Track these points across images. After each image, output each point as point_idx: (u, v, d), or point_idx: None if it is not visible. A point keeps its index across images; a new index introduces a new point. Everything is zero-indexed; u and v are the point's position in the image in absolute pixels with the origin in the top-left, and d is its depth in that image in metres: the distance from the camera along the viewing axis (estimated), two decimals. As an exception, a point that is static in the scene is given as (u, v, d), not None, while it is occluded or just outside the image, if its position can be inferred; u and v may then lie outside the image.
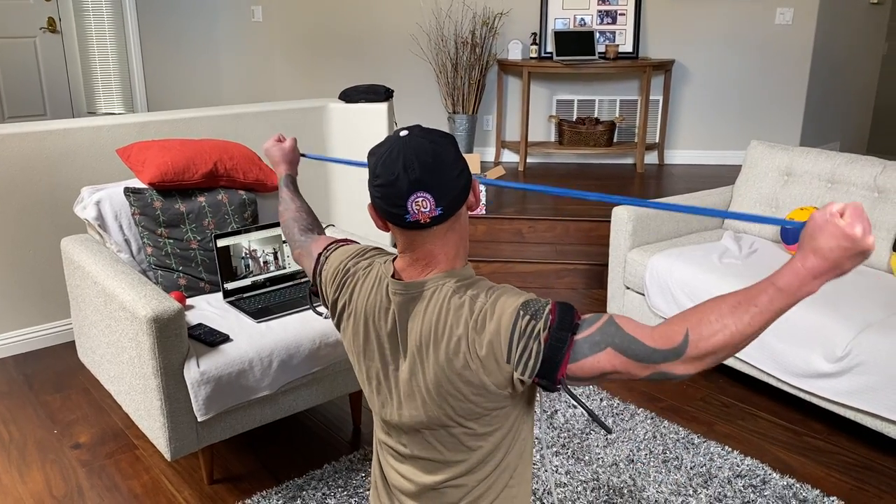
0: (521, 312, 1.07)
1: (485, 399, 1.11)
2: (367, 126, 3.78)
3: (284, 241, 2.58)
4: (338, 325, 1.31)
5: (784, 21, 5.24)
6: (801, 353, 2.42)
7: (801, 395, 2.49)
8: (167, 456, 2.08)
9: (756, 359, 2.57)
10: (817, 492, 2.23)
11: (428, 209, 1.09)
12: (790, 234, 2.86)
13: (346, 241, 1.41)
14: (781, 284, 0.97)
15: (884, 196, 2.81)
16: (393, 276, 1.19)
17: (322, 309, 1.43)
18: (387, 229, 1.19)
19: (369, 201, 1.21)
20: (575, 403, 2.61)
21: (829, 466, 2.39)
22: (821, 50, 5.38)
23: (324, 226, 2.81)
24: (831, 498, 2.20)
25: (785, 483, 2.27)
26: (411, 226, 1.12)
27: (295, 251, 1.51)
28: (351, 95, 3.84)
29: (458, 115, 5.34)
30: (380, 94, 3.82)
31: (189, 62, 5.78)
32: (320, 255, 1.38)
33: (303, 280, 2.62)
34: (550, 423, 2.58)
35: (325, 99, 3.96)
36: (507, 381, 1.09)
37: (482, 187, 4.12)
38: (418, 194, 1.09)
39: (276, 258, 2.55)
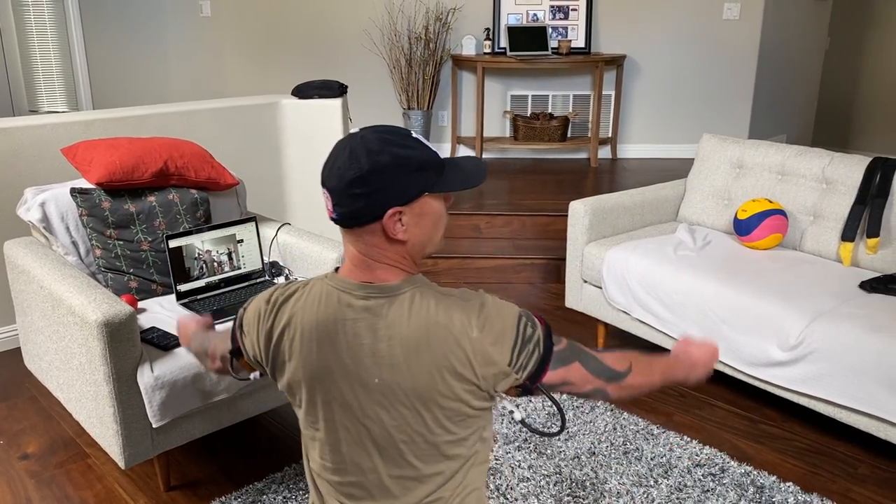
0: (524, 319, 1.15)
1: (474, 397, 1.13)
2: (322, 122, 3.73)
3: (240, 241, 2.53)
4: (272, 364, 1.22)
5: (731, 16, 5.34)
6: (756, 342, 2.46)
7: (757, 383, 2.53)
8: (121, 464, 2.01)
9: (712, 349, 2.61)
10: (774, 478, 2.27)
11: (330, 208, 1.15)
12: (742, 226, 2.91)
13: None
14: (664, 377, 1.32)
15: (831, 187, 2.88)
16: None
17: (244, 373, 1.36)
18: None
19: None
20: (531, 399, 2.62)
21: (784, 452, 2.44)
22: (767, 44, 5.50)
23: (279, 224, 2.76)
24: (787, 483, 2.25)
25: (742, 470, 2.31)
26: (334, 221, 1.16)
27: (209, 351, 1.41)
28: (304, 91, 3.78)
29: (412, 111, 5.31)
30: (334, 89, 3.77)
31: (136, 58, 5.63)
32: (235, 320, 1.30)
33: (259, 280, 2.57)
34: (512, 418, 2.59)
35: (278, 95, 3.90)
36: (498, 381, 1.13)
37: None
38: (325, 190, 1.14)
39: (230, 258, 2.49)
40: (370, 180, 1.08)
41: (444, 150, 5.67)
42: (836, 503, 2.17)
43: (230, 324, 1.37)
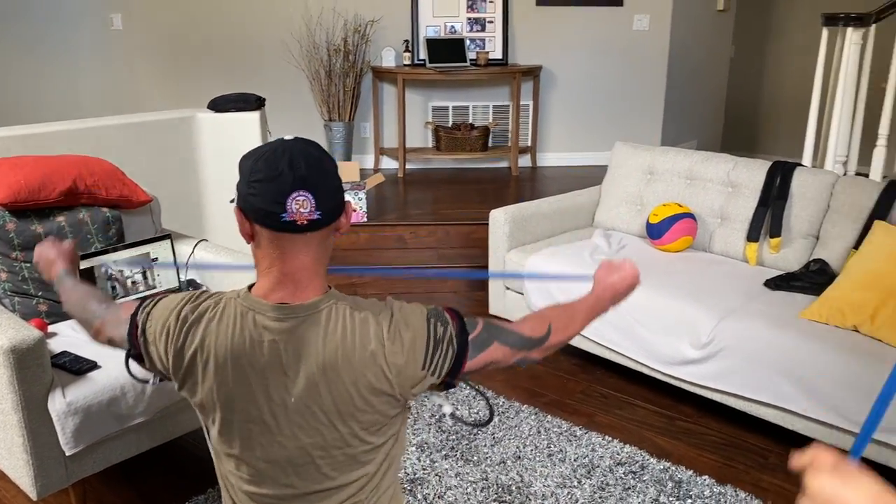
0: (432, 320, 1.15)
1: (391, 407, 1.14)
2: (239, 136, 3.67)
3: (154, 259, 2.47)
4: (182, 382, 1.19)
5: (641, 27, 5.54)
6: (669, 341, 2.56)
7: (672, 381, 2.63)
8: (32, 495, 1.93)
9: (629, 349, 2.70)
10: (691, 472, 2.36)
11: (307, 210, 1.08)
12: (654, 230, 3.02)
13: (161, 295, 1.26)
14: (589, 310, 1.34)
15: (736, 190, 3.02)
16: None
17: (147, 375, 1.30)
18: (251, 238, 1.15)
19: (235, 204, 1.14)
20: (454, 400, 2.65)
21: (700, 447, 2.54)
22: (676, 54, 5.72)
23: (196, 241, 2.71)
24: (703, 477, 2.34)
25: (661, 467, 2.39)
26: (285, 227, 1.08)
27: (94, 325, 1.31)
28: (220, 104, 3.72)
29: (334, 123, 5.29)
30: (251, 102, 3.72)
31: (42, 73, 5.42)
32: (134, 316, 1.23)
33: (176, 299, 2.51)
34: (439, 427, 2.60)
35: (194, 109, 3.82)
36: (415, 385, 1.14)
37: (363, 194, 4.10)
38: (301, 192, 1.07)
39: (144, 278, 2.43)
40: (337, 173, 1.13)
41: (368, 162, 5.66)
42: (749, 493, 2.27)
43: (126, 303, 1.25)
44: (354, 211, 4.09)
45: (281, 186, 1.07)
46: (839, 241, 2.67)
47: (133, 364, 1.27)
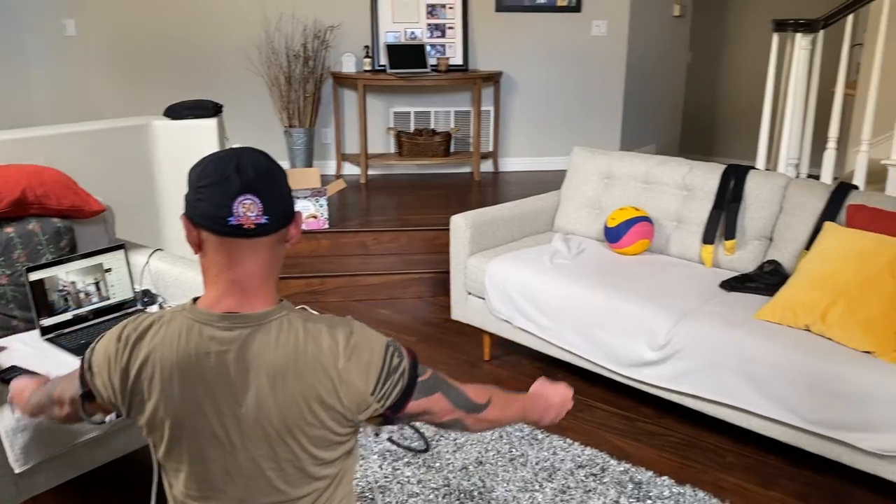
0: (391, 349, 1.16)
1: (339, 425, 1.13)
2: (196, 143, 3.63)
3: (108, 270, 2.42)
4: (129, 404, 1.17)
5: (599, 33, 5.60)
6: (627, 343, 2.58)
7: (632, 383, 2.65)
8: (-20, 515, 1.88)
9: (589, 352, 2.72)
10: (650, 473, 2.38)
11: (254, 214, 1.07)
12: (612, 233, 3.05)
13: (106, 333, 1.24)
14: (522, 415, 1.38)
15: (692, 193, 3.06)
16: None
17: (98, 416, 1.29)
18: (198, 247, 1.14)
19: (182, 212, 1.14)
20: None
21: (660, 448, 2.56)
22: (634, 59, 5.80)
23: (151, 251, 2.66)
24: (663, 477, 2.36)
25: (622, 468, 2.41)
26: (232, 231, 1.08)
27: (54, 396, 1.32)
28: (177, 112, 3.67)
29: (294, 129, 5.25)
30: (208, 109, 3.68)
31: (-8, 80, 5.29)
32: (82, 360, 1.23)
33: (131, 310, 2.46)
34: (402, 434, 2.59)
35: (149, 117, 3.77)
36: (361, 408, 1.13)
37: (324, 200, 4.07)
38: (247, 196, 1.07)
39: (98, 289, 2.38)
40: (287, 182, 1.13)
41: (330, 168, 5.64)
42: (707, 492, 2.30)
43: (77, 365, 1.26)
44: (315, 217, 4.08)
45: (227, 190, 1.07)
46: (791, 242, 2.73)
47: (88, 406, 1.25)
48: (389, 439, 1.34)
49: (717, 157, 6.95)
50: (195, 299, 1.16)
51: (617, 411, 2.80)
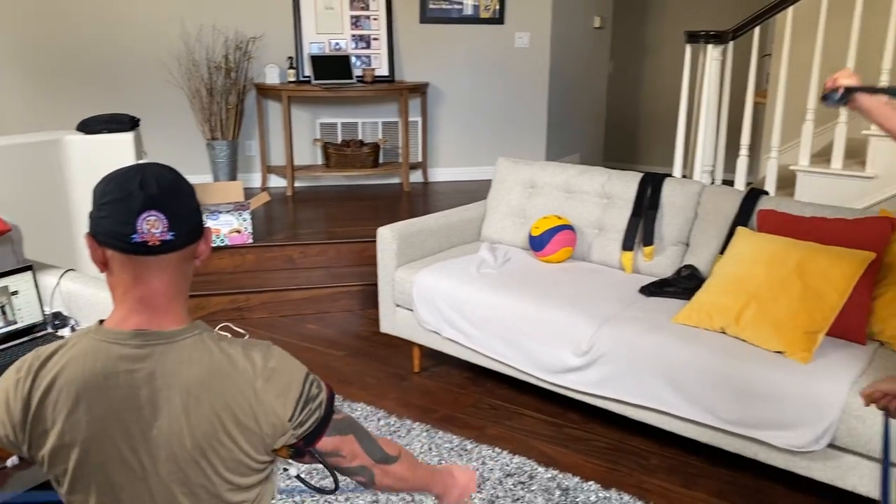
0: (311, 378, 1.15)
1: (255, 450, 1.10)
2: (112, 159, 3.51)
3: (14, 293, 2.31)
4: (30, 436, 1.10)
5: (522, 44, 5.69)
6: (552, 350, 2.61)
7: (558, 389, 2.69)
8: None
9: (516, 360, 2.74)
10: (577, 479, 2.41)
11: (159, 230, 1.05)
12: (536, 242, 3.09)
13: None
14: (434, 479, 1.38)
15: (611, 202, 3.13)
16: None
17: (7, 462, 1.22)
18: (104, 267, 1.10)
19: (87, 231, 1.09)
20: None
21: (586, 453, 2.60)
22: (557, 70, 5.91)
23: (62, 271, 2.56)
24: (589, 483, 2.40)
25: (549, 475, 2.44)
26: (137, 248, 1.05)
27: None
28: (91, 126, 3.54)
29: (217, 142, 5.15)
30: (124, 123, 3.56)
31: None
32: None
33: (41, 334, 2.36)
34: (287, 474, 2.55)
35: (61, 131, 3.63)
36: (277, 435, 1.11)
37: (247, 214, 4.00)
38: (152, 212, 1.04)
39: (3, 313, 2.27)
40: (195, 196, 1.11)
41: (255, 181, 5.54)
42: (632, 495, 2.35)
43: None
44: (239, 232, 4.00)
45: (131, 206, 1.04)
46: (706, 247, 2.82)
47: None
48: (298, 477, 1.32)
49: (639, 165, 7.14)
50: (101, 321, 1.12)
51: (545, 418, 2.83)
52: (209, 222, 3.91)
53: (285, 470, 2.48)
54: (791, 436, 2.15)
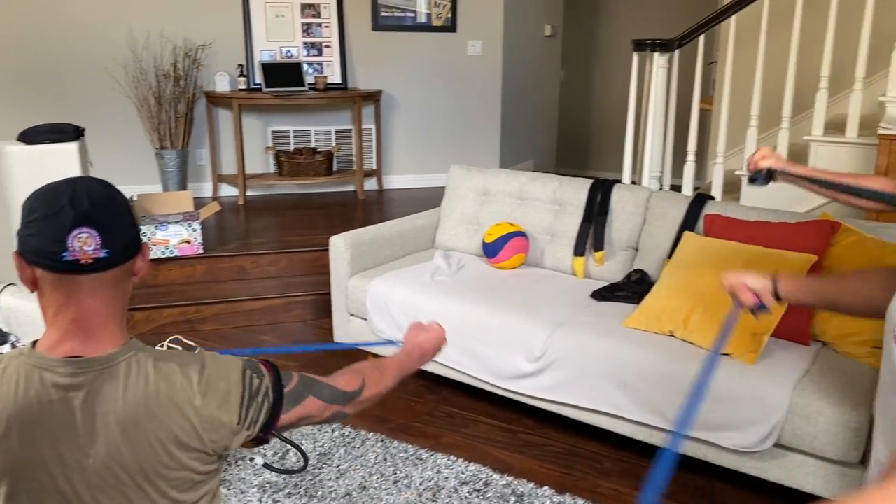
0: (248, 372, 1.12)
1: (202, 463, 1.08)
2: (55, 169, 3.41)
3: (-50, 310, 2.23)
4: None
5: (475, 52, 5.72)
6: (506, 357, 2.62)
7: (512, 395, 2.70)
8: None
9: (471, 367, 2.74)
10: (532, 485, 2.42)
11: (92, 248, 1.01)
12: (489, 249, 3.11)
13: None
14: (400, 369, 1.41)
15: (563, 208, 3.16)
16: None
17: None
18: (34, 287, 1.06)
19: (14, 249, 1.04)
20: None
21: (541, 459, 2.61)
22: (509, 78, 5.95)
23: (3, 285, 2.48)
24: (544, 488, 2.41)
25: (504, 482, 2.44)
26: (68, 267, 1.01)
27: None
28: (32, 136, 3.44)
29: (166, 151, 5.05)
30: (67, 133, 3.48)
31: None
32: None
33: (-21, 351, 2.28)
34: (282, 464, 2.52)
35: (1, 142, 3.52)
36: (229, 440, 1.09)
37: (197, 224, 3.93)
38: (83, 229, 1.00)
39: (-62, 331, 2.20)
40: (130, 211, 1.08)
41: (206, 190, 5.45)
42: (587, 500, 2.36)
43: None
44: (188, 242, 3.93)
45: (61, 223, 1.00)
46: (655, 251, 2.86)
47: None
48: (265, 465, 1.31)
49: (592, 171, 7.22)
50: (34, 342, 1.08)
51: (500, 424, 2.83)
52: (158, 233, 3.84)
53: (251, 460, 2.46)
54: (739, 436, 2.19)
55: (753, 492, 2.41)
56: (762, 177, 1.73)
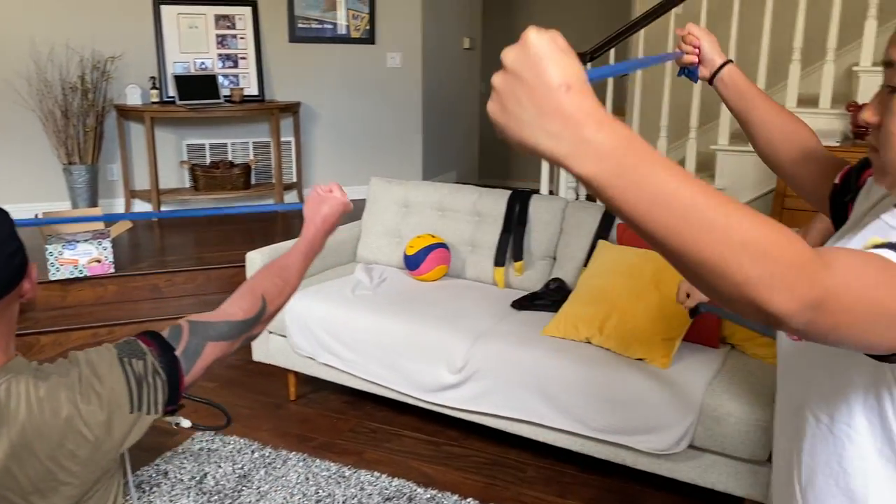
0: (125, 359, 1.06)
1: (98, 468, 1.04)
2: (-50, 188, 3.24)
3: None
4: None
5: (394, 64, 5.72)
6: (429, 369, 2.62)
7: (436, 408, 2.69)
8: None
9: (393, 382, 2.72)
10: (456, 497, 2.42)
11: None
12: (411, 261, 3.10)
13: None
14: (307, 249, 1.34)
15: (482, 219, 3.19)
16: None
17: None
18: None
19: None
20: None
21: (465, 470, 2.61)
22: (430, 90, 5.98)
23: None
24: (468, 499, 2.41)
25: (428, 495, 2.43)
26: None
27: None
28: (-76, 153, 3.25)
29: (74, 166, 4.85)
30: (-37, 149, 3.30)
31: None
32: None
33: None
34: (200, 489, 2.44)
35: None
36: (133, 433, 1.05)
37: (107, 242, 3.78)
38: None
39: None
40: (14, 233, 1.02)
41: (118, 206, 5.26)
42: (510, 508, 2.38)
43: None
44: (99, 262, 3.77)
45: None
46: (572, 260, 2.92)
47: None
48: (193, 426, 1.24)
49: (514, 181, 7.32)
50: None
51: (424, 437, 2.82)
52: (66, 252, 3.68)
53: (177, 425, 2.37)
54: (655, 439, 2.24)
55: (671, 492, 2.47)
56: (694, 313, 1.82)
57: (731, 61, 1.28)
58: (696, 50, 1.29)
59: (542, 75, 0.58)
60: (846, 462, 0.87)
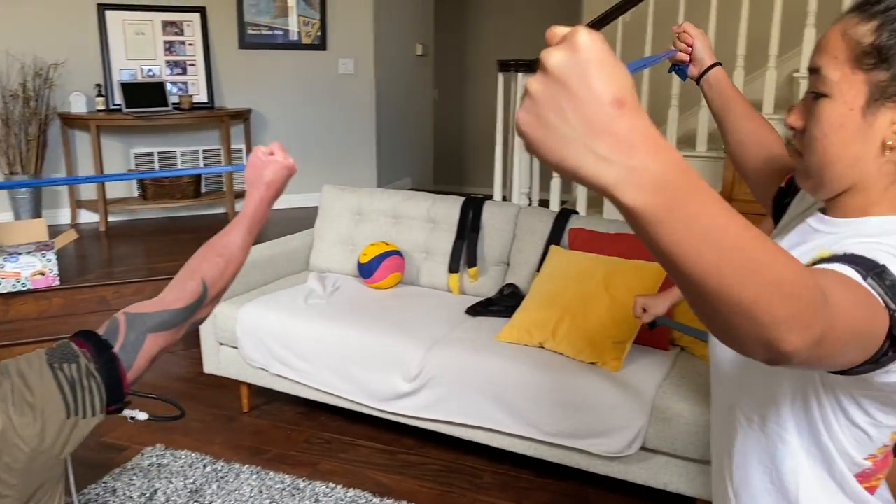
0: (55, 366, 1.00)
1: (38, 477, 1.00)
2: None
3: None
4: None
5: (347, 70, 5.70)
6: (383, 377, 2.60)
7: (391, 416, 2.67)
8: None
9: (347, 391, 2.70)
10: (412, 505, 2.41)
11: None
12: (364, 269, 3.08)
13: None
14: (251, 219, 1.28)
15: (436, 225, 3.19)
16: None
17: None
18: None
19: None
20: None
21: (420, 478, 2.61)
22: (383, 96, 5.97)
23: None
24: (424, 507, 2.40)
25: (384, 504, 2.41)
26: None
27: None
28: None
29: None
30: None
31: None
32: None
33: None
34: (137, 420, 2.37)
35: None
36: (75, 439, 1.01)
37: (52, 254, 3.67)
38: None
39: None
40: None
41: (63, 217, 5.12)
42: (466, 515, 2.38)
43: None
44: (43, 275, 3.66)
45: None
46: (525, 265, 2.93)
47: None
48: (150, 417, 1.20)
49: (468, 187, 7.35)
50: None
51: (379, 446, 2.81)
52: (7, 265, 3.56)
53: (132, 419, 2.30)
54: (608, 442, 2.26)
55: (625, 494, 2.50)
56: (653, 326, 1.98)
57: (719, 63, 1.29)
58: (689, 48, 1.30)
59: (594, 86, 0.48)
60: (778, 460, 0.89)
